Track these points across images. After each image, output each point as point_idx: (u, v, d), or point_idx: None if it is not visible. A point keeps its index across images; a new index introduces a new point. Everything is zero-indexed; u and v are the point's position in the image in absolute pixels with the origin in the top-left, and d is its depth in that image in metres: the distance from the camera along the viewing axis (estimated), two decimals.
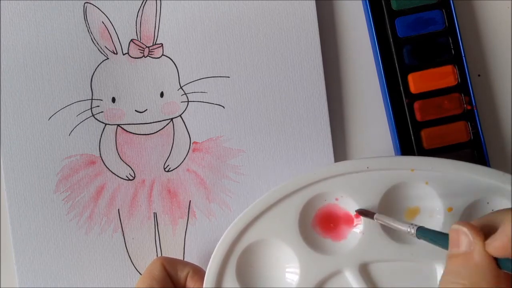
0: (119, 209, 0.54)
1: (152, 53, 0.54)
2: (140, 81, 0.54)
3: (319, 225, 0.50)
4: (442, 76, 0.54)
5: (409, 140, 0.54)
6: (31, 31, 0.53)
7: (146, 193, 0.54)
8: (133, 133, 0.54)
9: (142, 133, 0.54)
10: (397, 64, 0.54)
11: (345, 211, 0.50)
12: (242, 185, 0.54)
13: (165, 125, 0.54)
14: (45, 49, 0.53)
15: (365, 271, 0.49)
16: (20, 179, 0.53)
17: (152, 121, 0.54)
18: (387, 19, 0.54)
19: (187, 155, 0.54)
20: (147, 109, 0.54)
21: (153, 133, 0.54)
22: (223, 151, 0.54)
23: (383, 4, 0.54)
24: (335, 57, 0.56)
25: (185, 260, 0.54)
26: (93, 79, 0.54)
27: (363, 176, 0.48)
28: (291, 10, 0.54)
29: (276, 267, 0.50)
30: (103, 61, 0.54)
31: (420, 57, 0.54)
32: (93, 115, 0.54)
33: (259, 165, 0.54)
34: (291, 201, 0.48)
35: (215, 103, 0.54)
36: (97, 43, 0.54)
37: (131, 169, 0.54)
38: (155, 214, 0.54)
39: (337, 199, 0.49)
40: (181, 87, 0.54)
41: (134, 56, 0.54)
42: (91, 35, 0.54)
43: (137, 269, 0.54)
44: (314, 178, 0.48)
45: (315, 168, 0.51)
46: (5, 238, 0.54)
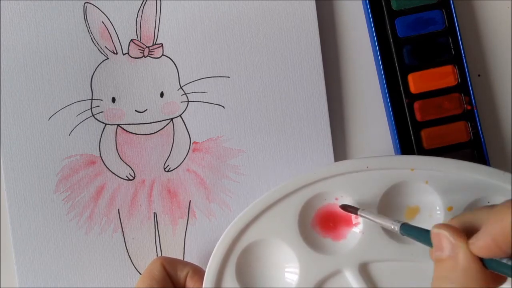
0: (119, 209, 0.54)
1: (152, 53, 0.54)
2: (140, 81, 0.54)
3: (318, 225, 0.50)
4: (442, 76, 0.54)
5: (409, 140, 0.54)
6: (31, 31, 0.53)
7: (146, 193, 0.54)
8: (133, 133, 0.54)
9: (142, 133, 0.54)
10: (397, 64, 0.54)
11: None
12: (242, 185, 0.54)
13: (165, 125, 0.54)
14: (45, 49, 0.53)
15: (365, 271, 0.49)
16: (20, 179, 0.53)
17: (152, 121, 0.54)
18: (387, 19, 0.54)
19: (187, 155, 0.54)
20: (147, 109, 0.54)
21: (153, 133, 0.54)
22: (223, 151, 0.54)
23: (383, 4, 0.54)
24: (335, 57, 0.56)
25: (185, 260, 0.54)
26: (93, 79, 0.54)
27: (363, 175, 0.48)
28: (291, 10, 0.54)
29: (276, 267, 0.50)
30: (103, 61, 0.54)
31: (420, 57, 0.54)
32: (93, 115, 0.54)
33: (259, 165, 0.54)
34: (290, 200, 0.48)
35: (215, 103, 0.54)
36: (97, 43, 0.54)
37: (131, 169, 0.54)
38: (155, 214, 0.54)
39: (337, 199, 0.49)
40: (181, 87, 0.54)
41: (134, 56, 0.54)
42: (91, 35, 0.54)
43: (137, 269, 0.54)
44: (313, 178, 0.48)
45: (315, 168, 0.51)
46: (5, 238, 0.54)
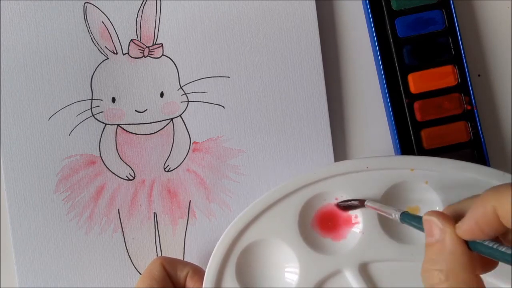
0: (119, 209, 0.54)
1: (152, 53, 0.54)
2: (140, 81, 0.54)
3: (318, 225, 0.50)
4: (442, 76, 0.54)
5: (409, 140, 0.54)
6: (31, 31, 0.53)
7: (146, 193, 0.54)
8: (133, 133, 0.54)
9: (142, 133, 0.54)
10: (397, 64, 0.54)
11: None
12: (242, 185, 0.54)
13: (165, 125, 0.54)
14: (45, 49, 0.53)
15: (365, 271, 0.49)
16: (20, 179, 0.53)
17: (152, 121, 0.54)
18: (387, 19, 0.54)
19: (187, 155, 0.54)
20: (147, 109, 0.54)
21: (153, 133, 0.54)
22: (223, 151, 0.54)
23: (383, 4, 0.54)
24: (335, 57, 0.56)
25: (185, 260, 0.54)
26: (93, 79, 0.54)
27: (362, 175, 0.48)
28: (291, 10, 0.54)
29: (276, 267, 0.50)
30: (103, 61, 0.54)
31: (420, 57, 0.54)
32: (93, 115, 0.54)
33: (259, 165, 0.54)
34: (290, 200, 0.48)
35: (215, 103, 0.54)
36: (97, 43, 0.54)
37: (131, 169, 0.54)
38: (155, 214, 0.54)
39: (336, 199, 0.49)
40: (181, 87, 0.54)
41: (134, 56, 0.54)
42: (91, 35, 0.54)
43: (137, 269, 0.54)
44: (313, 178, 0.48)
45: (315, 168, 0.51)
46: (5, 238, 0.54)
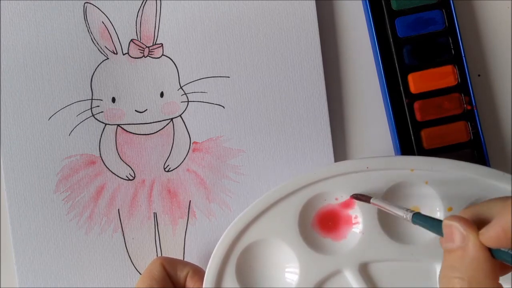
0: (119, 209, 0.54)
1: (152, 53, 0.54)
2: (140, 81, 0.54)
3: (319, 225, 0.49)
4: (442, 76, 0.54)
5: (409, 140, 0.54)
6: (31, 31, 0.53)
7: (146, 193, 0.54)
8: (133, 133, 0.54)
9: (142, 133, 0.54)
10: (397, 64, 0.54)
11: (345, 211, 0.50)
12: (242, 185, 0.54)
13: (165, 125, 0.54)
14: (45, 49, 0.53)
15: (365, 271, 0.49)
16: (20, 179, 0.53)
17: (152, 121, 0.54)
18: (387, 19, 0.54)
19: (187, 155, 0.54)
20: (147, 109, 0.54)
21: (153, 133, 0.54)
22: (223, 151, 0.54)
23: (383, 4, 0.54)
24: (335, 57, 0.56)
25: (185, 260, 0.54)
26: (93, 79, 0.54)
27: (362, 176, 0.48)
28: (291, 10, 0.54)
29: (276, 267, 0.50)
30: (103, 61, 0.54)
31: (420, 57, 0.54)
32: (93, 115, 0.54)
33: (259, 165, 0.54)
34: (291, 201, 0.48)
35: (215, 103, 0.54)
36: (97, 43, 0.54)
37: (131, 169, 0.54)
38: (155, 214, 0.54)
39: (337, 199, 0.49)
40: (181, 87, 0.54)
41: (134, 56, 0.54)
42: (91, 35, 0.54)
43: (137, 269, 0.54)
44: (314, 178, 0.48)
45: (315, 168, 0.51)
46: (5, 238, 0.54)
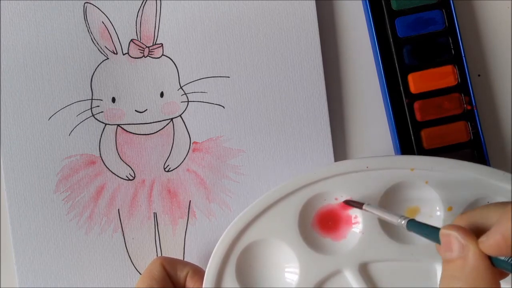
0: (119, 209, 0.54)
1: (152, 53, 0.54)
2: (140, 81, 0.54)
3: (318, 225, 0.49)
4: (442, 76, 0.54)
5: (409, 140, 0.54)
6: (31, 31, 0.53)
7: (146, 193, 0.54)
8: (133, 133, 0.54)
9: (142, 133, 0.54)
10: (397, 64, 0.54)
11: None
12: (242, 185, 0.54)
13: (165, 125, 0.54)
14: (45, 49, 0.53)
15: (364, 271, 0.49)
16: (20, 179, 0.53)
17: (152, 121, 0.54)
18: (387, 19, 0.54)
19: (187, 155, 0.54)
20: (147, 109, 0.54)
21: (153, 133, 0.54)
22: (223, 151, 0.54)
23: (383, 4, 0.54)
24: (335, 57, 0.56)
25: (185, 260, 0.54)
26: (93, 79, 0.54)
27: (362, 175, 0.48)
28: (291, 10, 0.54)
29: (276, 267, 0.50)
30: (103, 61, 0.54)
31: (420, 57, 0.54)
32: (93, 115, 0.54)
33: (259, 165, 0.54)
34: (290, 200, 0.48)
35: (215, 103, 0.54)
36: (97, 43, 0.54)
37: (131, 169, 0.54)
38: (155, 214, 0.54)
39: (336, 199, 0.49)
40: (181, 87, 0.54)
41: (134, 56, 0.54)
42: (91, 35, 0.54)
43: (137, 269, 0.54)
44: (313, 178, 0.48)
45: (315, 168, 0.51)
46: (5, 238, 0.54)
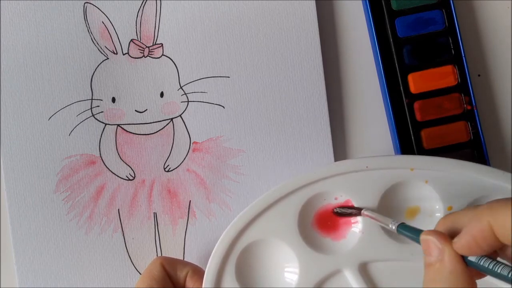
0: (119, 209, 0.54)
1: (152, 53, 0.54)
2: (140, 81, 0.54)
3: (318, 225, 0.49)
4: (442, 76, 0.54)
5: (409, 140, 0.54)
6: (31, 31, 0.53)
7: (146, 193, 0.54)
8: (133, 133, 0.54)
9: (142, 133, 0.54)
10: (397, 64, 0.54)
11: None
12: (242, 185, 0.54)
13: (165, 125, 0.54)
14: (45, 49, 0.53)
15: (364, 271, 0.49)
16: (20, 179, 0.53)
17: (152, 121, 0.54)
18: (387, 19, 0.54)
19: (187, 155, 0.54)
20: (147, 109, 0.54)
21: (153, 133, 0.54)
22: (223, 151, 0.54)
23: (383, 4, 0.54)
24: (335, 57, 0.56)
25: (185, 260, 0.54)
26: (93, 79, 0.54)
27: (362, 175, 0.48)
28: (291, 10, 0.54)
29: (276, 267, 0.50)
30: (103, 61, 0.54)
31: (420, 57, 0.54)
32: (93, 115, 0.54)
33: (259, 165, 0.54)
34: (290, 200, 0.48)
35: (215, 103, 0.54)
36: (97, 43, 0.54)
37: (131, 169, 0.54)
38: (155, 214, 0.54)
39: (336, 199, 0.49)
40: (181, 87, 0.54)
41: (134, 56, 0.54)
42: (91, 35, 0.54)
43: (137, 269, 0.54)
44: (313, 178, 0.48)
45: (315, 167, 0.51)
46: (5, 238, 0.54)
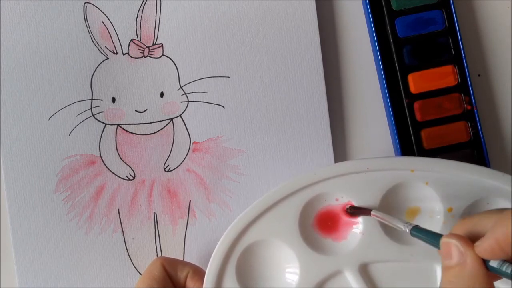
0: (119, 209, 0.54)
1: (152, 53, 0.54)
2: (140, 81, 0.54)
3: (319, 226, 0.49)
4: (442, 76, 0.54)
5: (409, 140, 0.54)
6: (31, 31, 0.53)
7: (146, 193, 0.54)
8: (133, 133, 0.54)
9: (142, 133, 0.54)
10: (397, 64, 0.54)
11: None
12: (242, 185, 0.54)
13: (165, 125, 0.54)
14: (45, 49, 0.53)
15: (365, 272, 0.49)
16: (20, 179, 0.53)
17: (152, 121, 0.54)
18: (387, 19, 0.54)
19: (187, 155, 0.54)
20: (147, 109, 0.54)
21: (153, 133, 0.54)
22: (223, 151, 0.54)
23: (383, 4, 0.54)
24: (335, 57, 0.56)
25: (185, 260, 0.54)
26: (93, 79, 0.54)
27: (363, 176, 0.48)
28: (291, 10, 0.54)
29: (276, 268, 0.50)
30: (103, 61, 0.54)
31: (420, 57, 0.54)
32: (93, 115, 0.54)
33: (259, 165, 0.54)
34: (291, 201, 0.48)
35: (215, 103, 0.54)
36: (97, 43, 0.54)
37: (131, 169, 0.54)
38: (155, 214, 0.54)
39: (337, 200, 0.49)
40: (181, 87, 0.54)
41: (134, 56, 0.54)
42: (91, 35, 0.54)
43: (137, 269, 0.54)
44: (314, 179, 0.48)
45: (315, 168, 0.51)
46: (5, 238, 0.54)
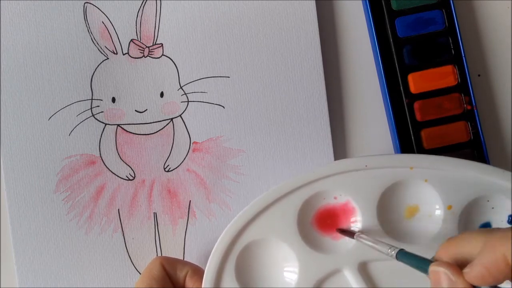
0: (119, 209, 0.54)
1: (152, 53, 0.54)
2: (140, 81, 0.54)
3: (318, 224, 0.49)
4: (442, 76, 0.54)
5: (409, 140, 0.54)
6: (31, 31, 0.53)
7: (146, 193, 0.54)
8: (133, 133, 0.54)
9: (142, 133, 0.54)
10: (397, 64, 0.54)
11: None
12: (242, 185, 0.54)
13: (165, 125, 0.54)
14: (45, 49, 0.54)
15: (364, 270, 0.49)
16: (20, 179, 0.53)
17: (152, 121, 0.54)
18: (387, 19, 0.54)
19: (187, 155, 0.54)
20: (147, 109, 0.54)
21: (153, 133, 0.54)
22: (223, 151, 0.54)
23: (383, 4, 0.54)
24: (335, 57, 0.56)
25: (185, 260, 0.54)
26: (93, 79, 0.54)
27: (362, 174, 0.48)
28: (291, 10, 0.54)
29: (275, 266, 0.49)
30: (103, 61, 0.54)
31: (420, 57, 0.54)
32: (93, 115, 0.54)
33: (259, 165, 0.54)
34: (290, 200, 0.48)
35: (215, 103, 0.54)
36: (97, 43, 0.54)
37: (131, 169, 0.54)
38: (155, 214, 0.54)
39: (336, 198, 0.49)
40: (181, 87, 0.54)
41: (134, 56, 0.54)
42: (91, 35, 0.54)
43: (137, 269, 0.54)
44: (312, 177, 0.48)
45: (314, 167, 0.51)
46: (5, 238, 0.54)
